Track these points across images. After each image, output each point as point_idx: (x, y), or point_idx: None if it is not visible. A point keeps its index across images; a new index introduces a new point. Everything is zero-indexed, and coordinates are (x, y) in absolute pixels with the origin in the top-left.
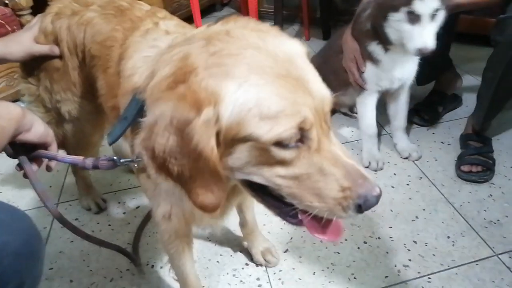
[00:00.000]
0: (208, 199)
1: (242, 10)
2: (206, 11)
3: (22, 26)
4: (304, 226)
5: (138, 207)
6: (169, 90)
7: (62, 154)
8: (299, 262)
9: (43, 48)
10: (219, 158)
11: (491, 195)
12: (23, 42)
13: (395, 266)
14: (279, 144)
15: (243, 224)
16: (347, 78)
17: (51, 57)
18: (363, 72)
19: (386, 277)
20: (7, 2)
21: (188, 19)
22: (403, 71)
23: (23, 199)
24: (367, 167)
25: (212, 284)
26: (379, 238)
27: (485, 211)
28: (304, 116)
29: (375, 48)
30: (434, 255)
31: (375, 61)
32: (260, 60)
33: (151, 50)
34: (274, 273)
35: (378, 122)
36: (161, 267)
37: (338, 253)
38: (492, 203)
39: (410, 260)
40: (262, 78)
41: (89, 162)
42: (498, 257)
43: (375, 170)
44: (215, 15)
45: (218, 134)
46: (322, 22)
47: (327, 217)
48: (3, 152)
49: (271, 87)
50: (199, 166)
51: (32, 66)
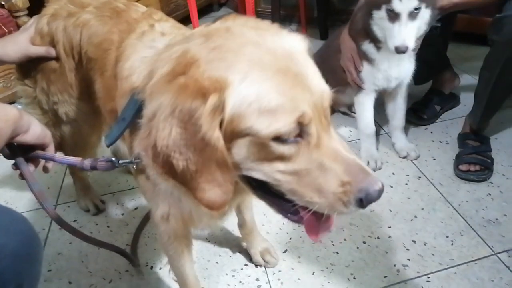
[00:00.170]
0: (216, 195)
1: (240, 10)
2: (204, 11)
3: (18, 27)
4: (303, 223)
5: (136, 208)
6: (167, 83)
7: (60, 155)
8: (298, 262)
9: (40, 50)
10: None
11: (489, 194)
12: (19, 44)
13: (394, 266)
14: (278, 139)
15: (241, 224)
16: (345, 78)
17: (48, 58)
18: (361, 71)
19: (385, 276)
20: (3, 3)
21: (186, 19)
22: (399, 70)
23: (21, 200)
24: None
25: (212, 285)
26: (378, 238)
27: (483, 210)
28: (303, 111)
29: (367, 47)
30: (433, 254)
31: (369, 60)
32: (259, 56)
33: (149, 50)
34: (273, 273)
35: (376, 121)
36: (160, 268)
37: (337, 253)
38: (491, 202)
39: (409, 259)
40: (262, 74)
41: (87, 163)
42: (497, 256)
43: (374, 170)
44: (212, 15)
45: (220, 125)
46: (320, 22)
47: (328, 213)
48: (0, 154)
49: (271, 83)
50: (205, 158)
51: (29, 67)
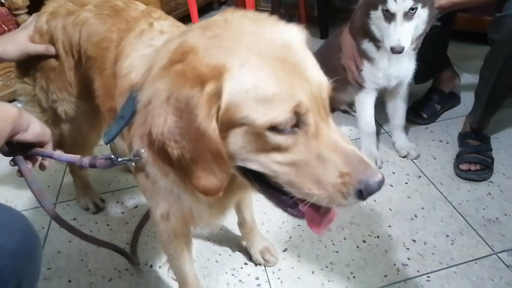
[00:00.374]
0: (211, 182)
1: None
2: (204, 10)
3: (18, 25)
4: (304, 217)
5: (136, 207)
6: (164, 70)
7: (59, 152)
8: (298, 261)
9: (39, 48)
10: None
11: (489, 194)
12: (19, 41)
13: (394, 265)
14: (274, 128)
15: (241, 223)
16: (346, 76)
17: (47, 56)
18: (362, 70)
19: (385, 276)
20: (3, 1)
21: (186, 18)
22: (399, 69)
23: (20, 199)
24: None
25: (211, 284)
26: (378, 237)
27: (483, 209)
28: (299, 100)
29: (367, 45)
30: (433, 253)
31: (369, 59)
32: (258, 45)
33: (148, 49)
34: (273, 272)
35: (376, 120)
36: (160, 267)
37: (337, 252)
38: (491, 202)
39: (409, 258)
40: (261, 61)
41: (86, 160)
42: (497, 255)
43: None
44: (212, 14)
45: (217, 114)
46: (320, 20)
47: (327, 205)
48: None
49: (268, 71)
50: (200, 147)
51: (28, 65)
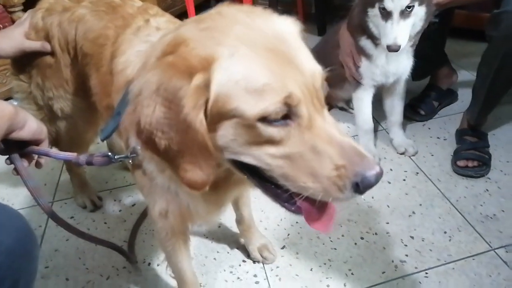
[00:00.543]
0: (197, 175)
1: None
2: (201, 7)
3: (13, 22)
4: (301, 213)
5: (134, 205)
6: (155, 62)
7: (55, 150)
8: (296, 258)
9: (34, 45)
10: (207, 131)
11: (487, 190)
12: (14, 38)
13: (392, 262)
14: (265, 120)
15: (239, 220)
16: (344, 73)
17: (43, 53)
18: (360, 67)
19: (383, 272)
20: None
21: (183, 15)
22: (397, 66)
23: (17, 197)
24: None
25: (209, 281)
26: (376, 234)
27: (481, 205)
28: (290, 91)
29: (365, 42)
30: (431, 250)
31: (367, 55)
32: (249, 35)
33: (144, 45)
34: (271, 269)
35: (374, 117)
36: (157, 265)
37: (335, 249)
38: (488, 198)
39: (407, 255)
40: (251, 51)
41: (83, 158)
42: (494, 251)
43: None
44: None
45: (205, 107)
46: (317, 17)
47: (323, 198)
48: None
49: (259, 61)
50: (187, 140)
51: (24, 63)
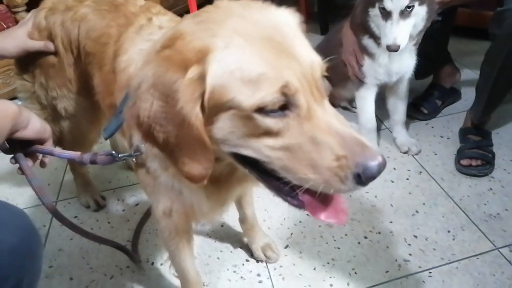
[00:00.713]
0: (195, 169)
1: None
2: (203, 6)
3: (17, 23)
4: (305, 207)
5: (137, 204)
6: (154, 56)
7: (59, 149)
8: (299, 258)
9: (38, 44)
10: (203, 125)
11: (491, 189)
12: (18, 38)
13: (396, 261)
14: (262, 111)
15: (243, 220)
16: (346, 72)
17: (46, 53)
18: (362, 65)
19: (387, 271)
20: None
21: (185, 14)
22: (400, 64)
23: (21, 196)
24: None
25: (213, 281)
26: (379, 233)
27: (485, 204)
28: (287, 80)
29: (367, 41)
30: (434, 249)
31: (370, 54)
32: (244, 26)
33: (146, 43)
34: (275, 268)
35: (377, 116)
36: (161, 264)
37: (339, 248)
38: (492, 197)
39: (410, 254)
40: (245, 41)
41: (87, 157)
42: (498, 250)
43: None
44: None
45: (202, 99)
46: (320, 16)
47: (324, 190)
48: None
49: (254, 50)
50: (183, 133)
51: (27, 62)
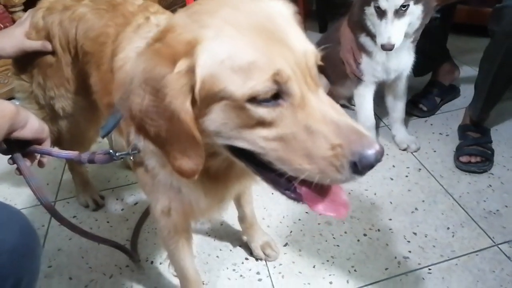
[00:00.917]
0: (187, 164)
1: None
2: None
3: (14, 22)
4: (303, 201)
5: (136, 203)
6: (145, 49)
7: (57, 149)
8: (299, 256)
9: (35, 44)
10: (194, 119)
11: (490, 186)
12: (15, 38)
13: (395, 258)
14: (255, 100)
15: (242, 218)
16: (345, 70)
17: (44, 53)
18: (360, 63)
19: (386, 269)
20: None
21: None
22: (398, 62)
23: (19, 197)
24: None
25: (212, 279)
26: (378, 230)
27: (484, 201)
28: (279, 68)
29: (365, 39)
30: (434, 246)
31: (368, 52)
32: (235, 16)
33: (143, 41)
34: (274, 267)
35: (376, 114)
36: (160, 263)
37: (338, 246)
38: (491, 194)
39: (410, 251)
40: (236, 30)
41: (85, 156)
42: (498, 247)
43: None
44: None
45: (193, 92)
46: (318, 15)
47: (320, 181)
48: None
49: (245, 39)
50: (174, 128)
51: (25, 62)
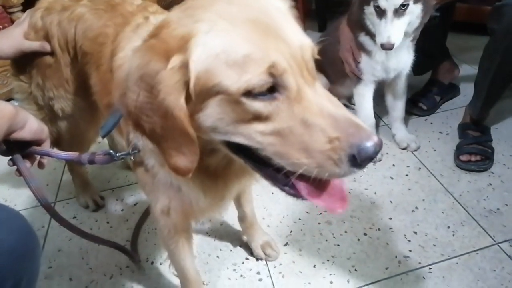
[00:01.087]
0: (182, 162)
1: None
2: None
3: (13, 23)
4: (302, 196)
5: (136, 204)
6: (140, 46)
7: (57, 150)
8: (299, 255)
9: (34, 45)
10: (188, 116)
11: (490, 184)
12: (13, 38)
13: (396, 257)
14: (250, 94)
15: (242, 218)
16: (344, 69)
17: (43, 53)
18: (359, 62)
19: (387, 268)
20: None
21: None
22: (398, 61)
23: (19, 198)
24: None
25: (213, 279)
26: (379, 230)
27: (484, 200)
28: (274, 61)
29: (364, 39)
30: (434, 245)
31: (367, 51)
32: (230, 9)
33: (141, 40)
34: (275, 266)
35: (375, 113)
36: (160, 263)
37: (338, 245)
38: (492, 192)
39: (410, 250)
40: (230, 24)
41: (85, 157)
42: (498, 245)
43: (374, 162)
44: None
45: (188, 87)
46: (318, 14)
47: (318, 175)
48: None
49: (239, 33)
50: (168, 125)
51: (24, 63)
